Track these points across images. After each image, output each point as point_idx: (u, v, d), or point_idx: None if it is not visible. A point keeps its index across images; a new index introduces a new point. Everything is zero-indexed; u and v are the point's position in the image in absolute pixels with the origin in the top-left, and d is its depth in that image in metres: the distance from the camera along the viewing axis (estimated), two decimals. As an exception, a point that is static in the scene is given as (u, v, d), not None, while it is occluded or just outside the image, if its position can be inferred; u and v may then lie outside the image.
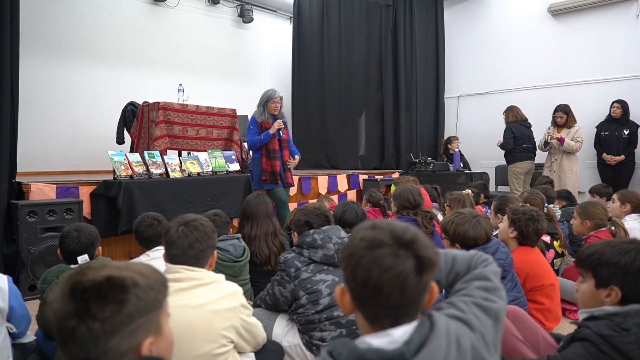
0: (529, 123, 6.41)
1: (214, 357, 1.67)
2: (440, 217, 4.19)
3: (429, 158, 7.45)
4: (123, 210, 3.85)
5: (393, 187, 4.66)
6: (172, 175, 4.34)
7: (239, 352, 1.84)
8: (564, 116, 6.11)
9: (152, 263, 1.87)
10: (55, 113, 6.53)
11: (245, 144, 5.39)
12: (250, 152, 5.10)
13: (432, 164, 7.17)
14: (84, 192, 3.99)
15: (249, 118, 4.98)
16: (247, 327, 1.83)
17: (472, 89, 8.23)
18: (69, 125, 6.66)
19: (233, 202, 4.63)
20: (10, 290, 1.99)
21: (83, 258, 2.22)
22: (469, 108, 8.31)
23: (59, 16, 6.61)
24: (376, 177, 6.81)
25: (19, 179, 3.97)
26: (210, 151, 4.82)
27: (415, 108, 8.12)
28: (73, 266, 2.22)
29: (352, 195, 6.52)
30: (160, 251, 2.38)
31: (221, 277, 1.80)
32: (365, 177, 6.79)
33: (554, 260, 3.37)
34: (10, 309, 1.97)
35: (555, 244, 3.40)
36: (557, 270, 3.34)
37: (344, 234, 2.35)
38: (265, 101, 4.80)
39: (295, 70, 9.23)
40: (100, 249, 2.37)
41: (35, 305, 2.30)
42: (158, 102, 4.85)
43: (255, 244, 2.99)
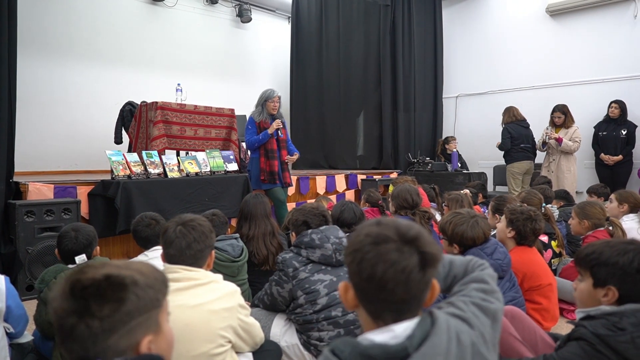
0: (526, 123, 6.41)
1: (212, 357, 1.67)
2: (438, 217, 4.20)
3: (427, 158, 7.45)
4: (121, 210, 3.84)
5: (391, 187, 4.67)
6: (170, 175, 4.33)
7: (237, 352, 1.84)
8: (562, 116, 6.12)
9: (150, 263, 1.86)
10: (53, 113, 6.53)
11: (243, 143, 5.39)
12: (249, 152, 5.10)
13: (430, 164, 7.18)
14: (82, 192, 3.98)
15: (247, 118, 4.98)
16: (245, 327, 1.82)
17: (470, 89, 8.23)
18: (66, 124, 6.65)
19: (231, 202, 4.62)
20: (8, 290, 1.98)
21: (81, 258, 2.22)
22: (467, 108, 8.32)
23: (57, 16, 6.60)
24: (374, 177, 6.81)
25: (16, 178, 3.97)
26: (208, 151, 4.82)
27: (413, 108, 8.13)
28: (71, 266, 2.22)
29: (350, 195, 6.52)
30: (158, 251, 2.38)
31: (219, 277, 1.80)
32: (364, 177, 6.80)
33: (552, 260, 3.38)
34: (7, 309, 1.97)
35: (553, 243, 3.41)
36: (554, 270, 3.35)
37: (342, 234, 2.35)
38: (264, 101, 4.81)
39: (293, 70, 9.22)
40: (98, 249, 2.37)
41: (33, 305, 2.29)
42: (156, 102, 4.85)
43: (254, 244, 2.99)
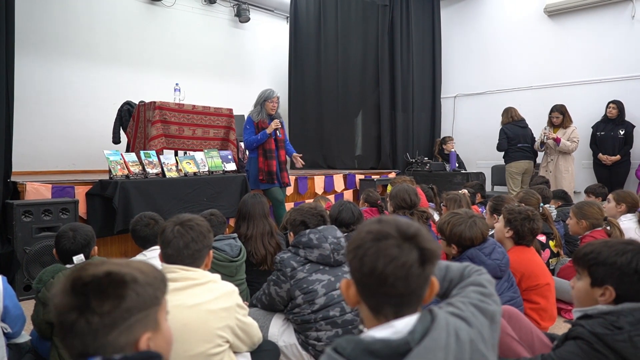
0: (524, 123, 6.43)
1: (210, 357, 1.67)
2: (436, 217, 4.20)
3: (426, 158, 7.46)
4: (119, 210, 3.84)
5: (389, 187, 4.67)
6: (168, 175, 4.33)
7: (235, 352, 1.84)
8: (560, 116, 6.13)
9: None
10: (51, 112, 6.51)
11: (241, 143, 5.39)
12: (247, 152, 5.10)
13: (428, 164, 7.19)
14: (80, 192, 3.98)
15: (246, 118, 4.98)
16: (242, 326, 1.82)
17: (468, 89, 8.24)
18: (64, 124, 6.64)
19: (229, 201, 4.62)
20: (5, 291, 1.98)
21: (79, 258, 2.22)
22: (465, 108, 8.32)
23: (55, 15, 6.59)
24: (373, 177, 6.82)
25: (14, 178, 3.96)
26: (206, 151, 4.82)
27: (411, 108, 8.12)
28: (69, 266, 2.21)
29: (348, 195, 6.52)
30: (156, 251, 2.37)
31: (217, 276, 1.80)
32: (362, 177, 6.80)
33: (550, 259, 3.39)
34: (4, 309, 1.97)
35: (551, 243, 3.41)
36: (552, 269, 3.35)
37: (340, 233, 2.35)
38: (262, 101, 4.81)
39: (291, 70, 9.22)
40: (96, 248, 2.36)
41: (31, 305, 2.29)
42: (154, 102, 4.84)
43: (252, 244, 2.99)
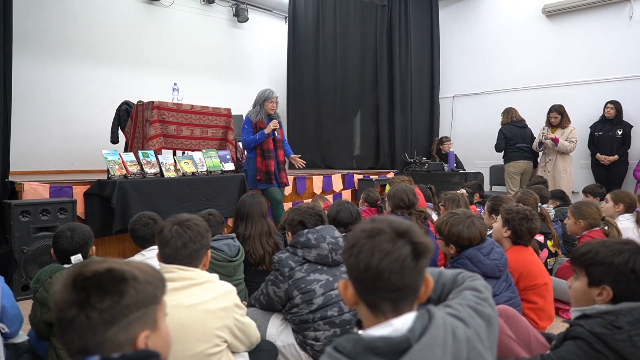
0: (523, 123, 6.46)
1: (208, 357, 1.67)
2: (434, 216, 4.20)
3: (424, 158, 7.46)
4: (117, 210, 3.83)
5: (388, 187, 4.67)
6: (166, 174, 4.32)
7: (233, 352, 1.84)
8: (558, 116, 6.14)
9: (146, 262, 1.85)
10: (48, 112, 6.50)
11: (240, 143, 5.39)
12: (245, 152, 5.10)
13: (427, 164, 7.19)
14: (78, 192, 3.97)
15: (244, 117, 4.98)
16: (240, 326, 1.82)
17: (466, 89, 8.24)
18: (62, 124, 6.62)
19: (227, 201, 4.62)
20: (2, 290, 1.98)
21: (77, 258, 2.21)
22: (463, 108, 8.33)
23: (53, 15, 6.57)
24: (371, 177, 6.82)
25: (12, 178, 3.95)
26: (204, 151, 4.81)
27: (410, 108, 8.13)
28: (66, 266, 2.20)
29: (347, 195, 6.52)
30: (155, 251, 2.37)
31: (215, 276, 1.79)
32: (360, 177, 6.80)
33: (548, 259, 3.39)
34: (2, 308, 1.97)
35: (549, 243, 3.42)
36: (550, 269, 3.36)
37: (337, 233, 2.35)
38: (262, 101, 4.81)
39: (290, 70, 9.21)
40: (94, 248, 2.36)
41: (28, 305, 2.28)
42: (152, 102, 4.84)
43: (250, 244, 2.99)
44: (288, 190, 5.61)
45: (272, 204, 4.84)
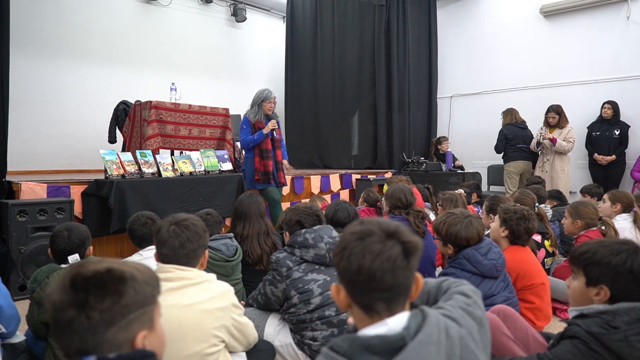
0: (524, 124, 6.52)
1: (205, 356, 1.67)
2: (432, 216, 4.20)
3: (422, 158, 7.47)
4: (115, 210, 3.83)
5: (386, 187, 4.67)
6: (164, 174, 4.32)
7: (230, 352, 1.84)
8: (556, 116, 6.16)
9: (144, 262, 1.85)
10: (46, 112, 6.49)
11: (238, 143, 5.39)
12: (243, 152, 5.10)
13: (424, 164, 7.20)
14: (75, 192, 3.96)
15: (242, 117, 4.97)
16: (238, 326, 1.82)
17: (464, 89, 8.25)
18: (60, 123, 6.61)
19: (225, 201, 4.62)
20: (-1, 290, 1.97)
21: (74, 258, 2.21)
22: (461, 108, 8.34)
23: (50, 14, 6.56)
24: (369, 176, 6.82)
25: (9, 178, 3.94)
26: (202, 150, 4.81)
27: (408, 108, 8.13)
28: (64, 266, 2.20)
29: (344, 194, 6.52)
30: (153, 250, 2.36)
31: (212, 276, 1.79)
32: (358, 176, 6.80)
33: (545, 259, 3.40)
34: (-1, 309, 1.96)
35: (546, 243, 3.42)
36: (548, 269, 3.37)
37: (335, 233, 2.35)
38: (260, 101, 4.80)
39: (288, 70, 9.22)
40: (91, 248, 2.36)
41: (26, 305, 2.28)
42: (150, 101, 4.83)
43: (248, 244, 2.99)
44: (286, 190, 5.61)
45: (270, 203, 4.84)
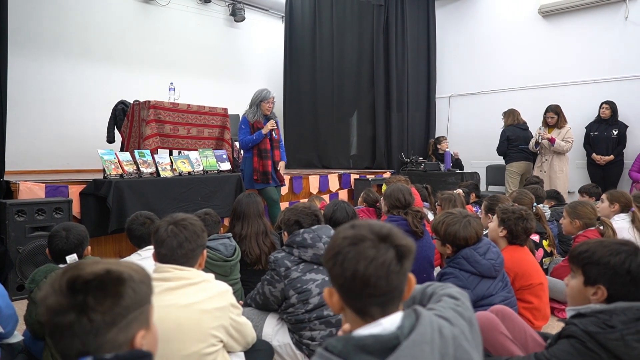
0: (525, 125, 6.56)
1: (203, 356, 1.67)
2: (431, 216, 4.21)
3: (420, 158, 7.47)
4: (113, 210, 3.83)
5: (384, 187, 4.67)
6: (162, 174, 4.32)
7: (229, 352, 1.84)
8: (554, 116, 6.17)
9: (143, 262, 1.85)
10: (44, 111, 6.48)
11: (236, 143, 5.38)
12: (242, 152, 5.09)
13: (423, 164, 7.20)
14: (74, 191, 3.96)
15: (241, 117, 4.97)
16: (236, 326, 1.82)
17: (463, 89, 8.26)
18: (58, 123, 6.60)
19: (224, 201, 4.62)
20: (-3, 290, 1.97)
21: (72, 257, 2.21)
22: (460, 108, 8.35)
23: (48, 14, 6.55)
24: (367, 176, 6.82)
25: (7, 177, 3.94)
26: (201, 150, 4.81)
27: (406, 108, 8.14)
28: (61, 266, 2.20)
29: (343, 194, 6.53)
30: (151, 250, 2.36)
31: (211, 276, 1.79)
32: (357, 176, 6.80)
33: (543, 259, 3.40)
34: (-3, 309, 1.96)
35: (544, 243, 3.42)
36: (546, 269, 3.37)
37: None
38: (259, 101, 4.80)
39: (287, 70, 9.22)
40: (89, 248, 2.36)
41: (24, 305, 2.27)
42: (149, 101, 4.83)
43: (246, 244, 2.98)
44: (285, 190, 5.61)
45: (269, 203, 4.83)
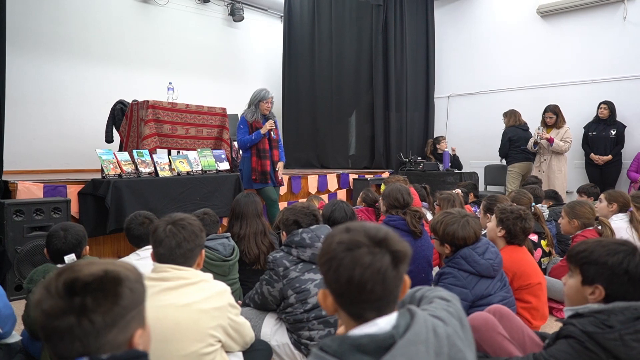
0: (526, 126, 6.58)
1: (202, 356, 1.67)
2: (429, 216, 4.21)
3: (419, 158, 7.47)
4: (111, 210, 3.82)
5: (383, 187, 4.67)
6: (161, 174, 4.31)
7: (227, 352, 1.84)
8: (553, 117, 6.17)
9: (142, 262, 1.85)
10: (43, 111, 6.47)
11: (235, 143, 5.38)
12: (240, 151, 5.09)
13: (421, 164, 7.20)
14: (72, 191, 3.95)
15: (239, 117, 4.97)
16: (235, 326, 1.82)
17: (461, 89, 8.26)
18: (57, 123, 6.60)
19: (223, 201, 4.61)
20: (-5, 290, 1.97)
21: (70, 257, 2.20)
22: (458, 108, 8.35)
23: (48, 13, 6.54)
24: (366, 176, 6.82)
25: (5, 177, 3.94)
26: (199, 150, 4.80)
27: (405, 108, 8.14)
28: (60, 266, 2.20)
29: (342, 194, 6.53)
30: (150, 250, 2.37)
31: (209, 276, 1.79)
32: (355, 176, 6.80)
33: (542, 259, 3.40)
34: (-5, 309, 1.95)
35: (543, 243, 3.43)
36: (544, 269, 3.37)
37: (332, 233, 2.35)
38: (257, 101, 4.80)
39: (285, 70, 9.22)
40: (87, 248, 2.35)
41: (22, 305, 2.27)
42: (147, 101, 4.83)
43: (245, 243, 2.98)
44: (283, 190, 5.61)
45: (267, 203, 4.83)
